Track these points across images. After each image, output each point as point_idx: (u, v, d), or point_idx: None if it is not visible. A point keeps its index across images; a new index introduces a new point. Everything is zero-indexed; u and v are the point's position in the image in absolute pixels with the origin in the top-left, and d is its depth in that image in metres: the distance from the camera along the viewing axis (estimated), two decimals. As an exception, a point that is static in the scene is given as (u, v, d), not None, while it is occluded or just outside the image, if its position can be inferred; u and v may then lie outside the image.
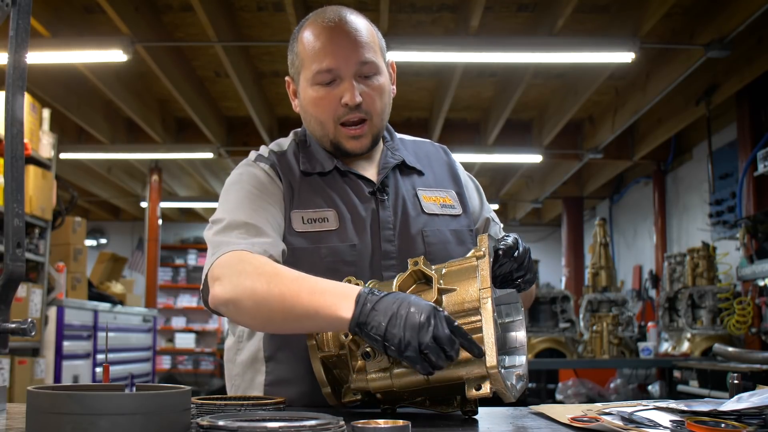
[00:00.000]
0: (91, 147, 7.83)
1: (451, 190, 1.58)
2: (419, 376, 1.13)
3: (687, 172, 7.83)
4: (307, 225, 1.42)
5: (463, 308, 1.13)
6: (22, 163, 0.94)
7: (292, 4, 4.79)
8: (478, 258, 1.15)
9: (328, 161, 1.49)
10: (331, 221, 1.42)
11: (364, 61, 1.42)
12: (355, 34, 1.42)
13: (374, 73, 1.44)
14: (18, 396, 4.39)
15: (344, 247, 1.41)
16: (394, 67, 1.56)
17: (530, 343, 5.91)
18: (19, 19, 0.95)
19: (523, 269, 1.29)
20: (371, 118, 1.45)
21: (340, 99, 1.42)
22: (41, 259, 4.96)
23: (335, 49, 1.41)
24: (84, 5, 5.37)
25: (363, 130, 1.45)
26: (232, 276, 1.26)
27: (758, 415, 1.02)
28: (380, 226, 1.45)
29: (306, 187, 1.46)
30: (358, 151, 1.47)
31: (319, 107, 1.44)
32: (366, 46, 1.43)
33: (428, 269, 1.18)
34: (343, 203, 1.45)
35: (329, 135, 1.46)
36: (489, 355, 1.07)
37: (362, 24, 1.46)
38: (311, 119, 1.48)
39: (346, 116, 1.43)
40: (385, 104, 1.48)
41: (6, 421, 1.12)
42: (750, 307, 5.02)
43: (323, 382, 1.23)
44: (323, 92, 1.43)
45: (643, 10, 4.99)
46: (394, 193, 1.50)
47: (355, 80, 1.42)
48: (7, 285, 0.93)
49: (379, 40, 1.49)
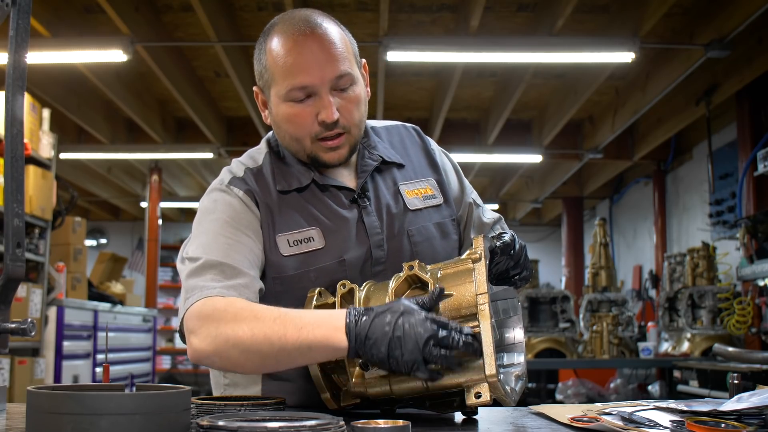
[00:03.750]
0: (91, 147, 7.83)
1: (431, 178, 1.52)
2: (418, 383, 1.12)
3: (687, 172, 7.83)
4: (294, 247, 1.36)
5: (460, 314, 1.12)
6: (22, 163, 0.94)
7: (292, 4, 4.79)
8: (474, 261, 1.14)
9: (304, 175, 1.43)
10: (317, 240, 1.37)
11: (340, 74, 1.33)
12: (328, 45, 1.33)
13: (350, 83, 1.36)
14: (18, 396, 4.39)
15: (333, 265, 1.36)
16: (367, 68, 1.48)
17: (530, 343, 5.91)
18: (19, 19, 0.95)
19: (519, 267, 1.27)
20: (349, 131, 1.38)
21: (316, 115, 1.34)
22: (41, 259, 4.97)
23: (309, 65, 1.32)
24: (84, 5, 5.37)
25: (341, 141, 1.38)
26: (210, 327, 1.20)
27: (758, 415, 1.02)
28: (368, 233, 1.40)
29: (285, 207, 1.40)
30: (336, 162, 1.41)
31: (293, 124, 1.36)
32: (341, 57, 1.34)
33: (424, 274, 1.16)
34: (326, 218, 1.40)
35: (305, 150, 1.39)
36: (488, 364, 1.07)
37: (335, 32, 1.36)
38: (285, 135, 1.41)
39: (324, 133, 1.36)
40: (362, 113, 1.41)
41: (6, 421, 1.12)
42: (750, 307, 5.02)
43: (322, 387, 1.23)
44: (298, 109, 1.35)
45: (643, 10, 4.99)
46: (375, 196, 1.45)
47: (331, 94, 1.34)
48: (7, 285, 0.93)
49: (352, 46, 1.41)
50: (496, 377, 1.06)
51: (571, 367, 6.18)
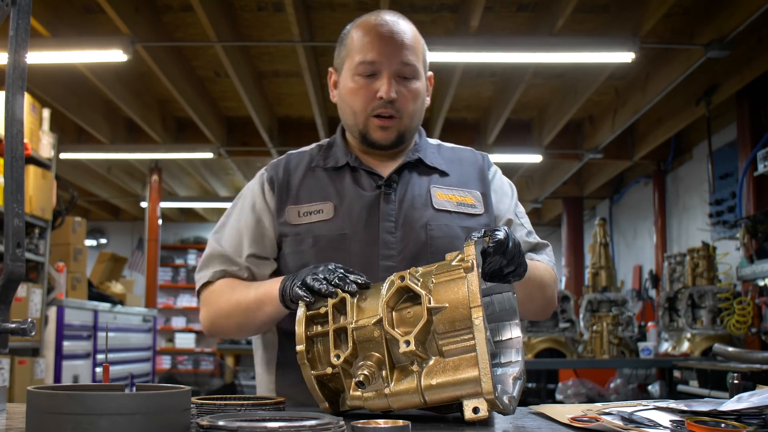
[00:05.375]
0: (91, 147, 7.83)
1: (476, 190, 1.59)
2: (415, 397, 1.12)
3: (687, 172, 7.83)
4: (303, 218, 1.52)
5: (454, 327, 1.10)
6: (22, 163, 0.94)
7: (292, 4, 4.79)
8: (466, 270, 1.11)
9: (343, 157, 1.58)
10: (326, 212, 1.51)
11: (405, 62, 1.50)
12: (401, 35, 1.51)
13: (412, 76, 1.52)
14: (18, 396, 4.39)
15: (333, 236, 1.48)
16: (432, 80, 1.63)
17: (530, 343, 5.91)
18: (19, 19, 0.95)
19: (513, 264, 1.28)
20: (401, 117, 1.52)
21: (376, 92, 1.49)
22: (41, 259, 4.96)
23: (381, 45, 1.49)
24: (84, 5, 5.37)
25: (392, 123, 1.52)
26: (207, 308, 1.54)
27: (758, 415, 1.02)
28: (380, 217, 1.49)
29: (309, 183, 1.56)
30: (384, 142, 1.54)
31: (355, 97, 1.52)
32: (410, 49, 1.51)
33: (415, 286, 1.14)
34: (343, 196, 1.53)
35: (359, 125, 1.54)
36: (484, 381, 1.06)
37: (410, 30, 1.54)
38: (346, 108, 1.56)
39: (379, 110, 1.50)
40: (417, 108, 1.54)
41: (6, 421, 1.12)
42: (750, 307, 5.02)
43: (320, 398, 1.22)
44: (362, 83, 1.51)
45: (643, 10, 4.99)
46: (403, 188, 1.54)
47: (394, 79, 1.50)
48: (7, 285, 0.93)
49: (424, 50, 1.57)
50: (492, 394, 1.06)
51: (571, 367, 6.17)
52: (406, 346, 1.10)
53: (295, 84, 6.84)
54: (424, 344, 1.13)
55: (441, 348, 1.11)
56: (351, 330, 1.16)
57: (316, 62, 6.24)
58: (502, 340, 1.29)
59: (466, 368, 1.09)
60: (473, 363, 1.07)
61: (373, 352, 1.15)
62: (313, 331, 1.23)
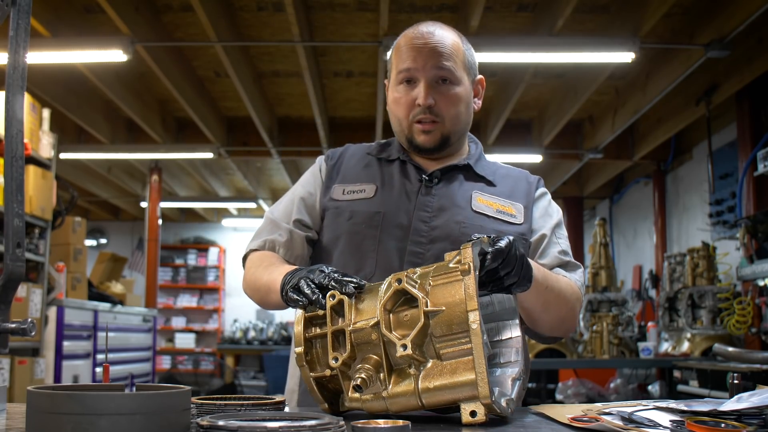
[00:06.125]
0: (91, 147, 7.82)
1: (520, 204, 1.62)
2: (413, 400, 1.12)
3: (687, 172, 7.83)
4: (346, 195, 1.62)
5: (451, 330, 1.10)
6: (22, 163, 0.94)
7: (292, 4, 4.79)
8: (463, 273, 1.11)
9: (395, 153, 1.67)
10: (367, 192, 1.60)
11: (440, 66, 1.55)
12: (437, 43, 1.57)
13: (450, 81, 1.56)
14: (18, 396, 4.39)
15: (368, 213, 1.56)
16: (483, 84, 1.69)
17: (530, 343, 5.90)
18: (19, 19, 0.95)
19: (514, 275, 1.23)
20: (443, 121, 1.57)
21: (415, 100, 1.56)
22: (41, 259, 4.96)
23: (416, 53, 1.56)
24: (84, 5, 5.37)
25: (433, 126, 1.58)
26: (246, 275, 1.66)
27: (758, 415, 1.02)
28: (417, 206, 1.56)
29: (360, 167, 1.67)
30: (427, 145, 1.59)
31: (398, 105, 1.60)
32: (445, 55, 1.56)
33: (413, 288, 1.13)
34: (387, 181, 1.62)
35: (404, 131, 1.61)
36: (481, 386, 1.06)
37: (448, 37, 1.59)
38: (393, 116, 1.64)
39: (419, 116, 1.57)
40: (459, 112, 1.59)
41: (6, 421, 1.12)
42: (750, 307, 5.02)
43: (319, 399, 1.22)
44: (403, 92, 1.59)
45: (643, 10, 4.99)
46: (447, 186, 1.61)
47: (432, 85, 1.55)
48: (7, 285, 0.93)
49: (466, 56, 1.62)
50: (489, 398, 1.05)
51: (571, 367, 6.17)
52: (403, 350, 1.10)
53: (295, 84, 6.84)
54: (422, 347, 1.13)
55: (438, 351, 1.11)
56: (349, 332, 1.16)
57: (316, 62, 6.24)
58: (502, 340, 1.29)
59: (463, 372, 1.08)
60: (470, 366, 1.07)
61: (371, 354, 1.15)
62: (312, 333, 1.23)
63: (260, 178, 10.26)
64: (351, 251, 1.56)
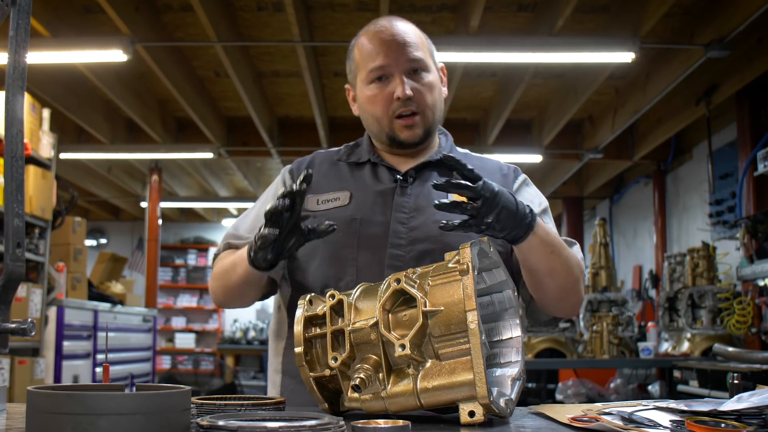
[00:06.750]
0: (91, 147, 7.83)
1: None
2: (411, 400, 1.12)
3: (687, 172, 7.83)
4: (321, 205, 1.59)
5: (450, 330, 1.10)
6: (22, 163, 0.94)
7: (292, 4, 4.79)
8: (462, 273, 1.11)
9: (365, 155, 1.65)
10: (342, 200, 1.57)
11: (412, 58, 1.54)
12: (403, 35, 1.56)
13: (423, 69, 1.56)
14: (18, 396, 4.39)
15: (344, 220, 1.52)
16: (445, 70, 1.68)
17: (530, 343, 5.91)
18: (19, 19, 0.95)
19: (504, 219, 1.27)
20: (422, 112, 1.56)
21: (392, 95, 1.54)
22: (41, 259, 4.96)
23: (386, 49, 1.55)
24: (84, 5, 5.37)
25: (415, 120, 1.56)
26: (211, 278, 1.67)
27: (758, 415, 1.02)
28: (394, 208, 1.54)
29: (330, 174, 1.64)
30: (412, 140, 1.58)
31: (374, 104, 1.57)
32: (414, 45, 1.56)
33: (411, 288, 1.13)
34: (360, 186, 1.59)
35: (385, 129, 1.58)
36: (479, 386, 1.05)
37: (410, 28, 1.60)
38: (368, 117, 1.61)
39: (400, 109, 1.55)
40: (435, 100, 1.58)
41: (6, 421, 1.12)
42: (750, 307, 5.02)
43: (319, 399, 1.23)
44: (377, 89, 1.56)
45: (643, 10, 4.99)
46: (422, 184, 1.59)
47: (406, 77, 1.54)
48: (7, 285, 0.93)
49: (428, 44, 1.63)
50: (487, 398, 1.05)
51: (571, 367, 6.17)
52: (401, 350, 1.10)
53: (295, 84, 6.84)
54: (420, 347, 1.13)
55: (437, 351, 1.11)
56: (348, 332, 1.16)
57: (316, 62, 6.24)
58: (502, 340, 1.28)
59: (461, 372, 1.08)
60: (468, 367, 1.07)
61: (370, 354, 1.15)
62: (312, 333, 1.23)
63: (260, 178, 10.26)
64: (330, 261, 1.54)
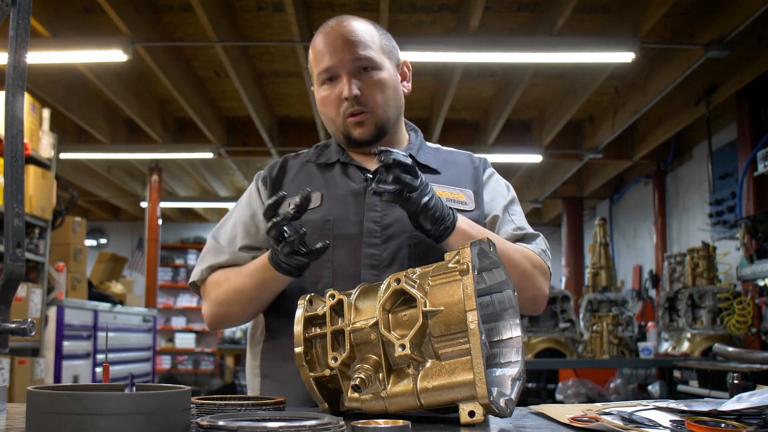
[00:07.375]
0: (91, 147, 7.83)
1: (468, 189, 1.60)
2: (411, 400, 1.12)
3: (687, 172, 7.83)
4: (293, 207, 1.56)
5: (450, 330, 1.10)
6: (22, 163, 0.94)
7: (292, 4, 4.79)
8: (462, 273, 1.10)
9: (334, 155, 1.63)
10: (314, 201, 1.53)
11: (357, 57, 1.52)
12: (349, 35, 1.53)
13: (373, 68, 1.54)
14: (18, 396, 4.39)
15: (317, 223, 1.52)
16: (409, 66, 1.67)
17: (530, 343, 5.91)
18: (19, 19, 0.95)
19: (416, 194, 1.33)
20: (373, 111, 1.55)
21: (341, 95, 1.53)
22: (41, 259, 4.96)
23: (332, 49, 1.53)
24: (84, 5, 5.37)
25: (364, 117, 1.55)
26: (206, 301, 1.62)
27: (758, 415, 1.02)
28: (366, 207, 1.53)
29: (301, 177, 1.63)
30: (363, 137, 1.57)
31: (327, 105, 1.58)
32: (360, 44, 1.53)
33: (411, 288, 1.13)
34: (331, 187, 1.58)
35: (340, 129, 1.58)
36: (479, 386, 1.05)
37: (359, 26, 1.56)
38: (325, 118, 1.62)
39: (350, 109, 1.54)
40: (387, 98, 1.56)
41: (6, 421, 1.12)
42: (750, 307, 5.02)
43: (320, 399, 1.22)
44: (328, 91, 1.56)
45: (643, 10, 4.99)
46: None
47: (354, 76, 1.53)
48: (7, 285, 0.93)
49: (381, 40, 1.59)
50: (487, 398, 1.05)
51: (571, 367, 6.17)
52: (401, 350, 1.10)
53: (295, 84, 6.84)
54: (420, 347, 1.13)
55: (437, 351, 1.11)
56: (348, 332, 1.16)
57: (316, 62, 6.24)
58: (502, 340, 1.28)
59: (461, 372, 1.08)
60: (468, 367, 1.07)
61: (370, 354, 1.15)
62: (312, 333, 1.23)
63: (260, 178, 10.25)
64: None
